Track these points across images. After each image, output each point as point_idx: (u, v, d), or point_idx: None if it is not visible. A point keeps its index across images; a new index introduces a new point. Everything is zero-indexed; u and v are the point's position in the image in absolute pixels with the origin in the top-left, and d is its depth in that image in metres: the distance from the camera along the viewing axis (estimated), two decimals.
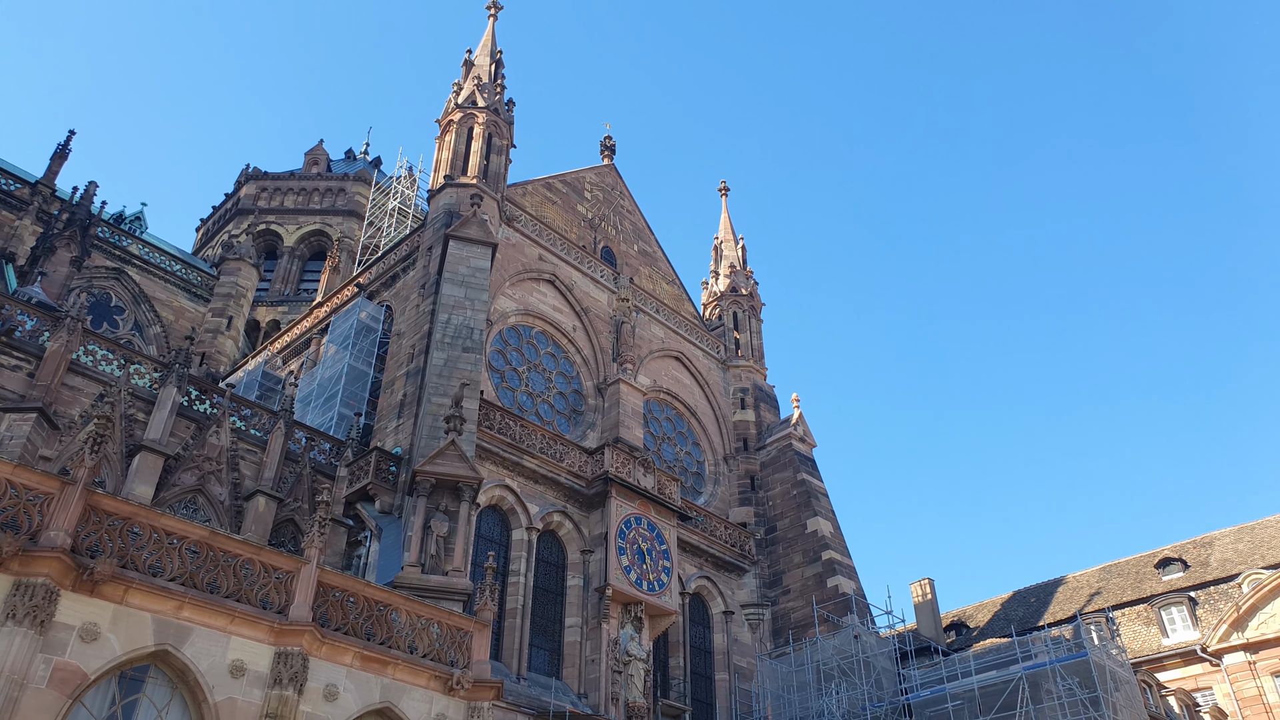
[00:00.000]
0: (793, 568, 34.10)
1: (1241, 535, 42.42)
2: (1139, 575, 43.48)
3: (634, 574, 27.47)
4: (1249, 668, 36.50)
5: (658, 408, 36.28)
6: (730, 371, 39.79)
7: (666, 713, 28.23)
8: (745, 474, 37.31)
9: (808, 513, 34.84)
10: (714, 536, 33.29)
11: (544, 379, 32.18)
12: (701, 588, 32.48)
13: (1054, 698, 24.59)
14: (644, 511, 28.89)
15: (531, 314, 32.48)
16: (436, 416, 24.52)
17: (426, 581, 20.81)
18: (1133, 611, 41.09)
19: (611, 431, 31.23)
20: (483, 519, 26.58)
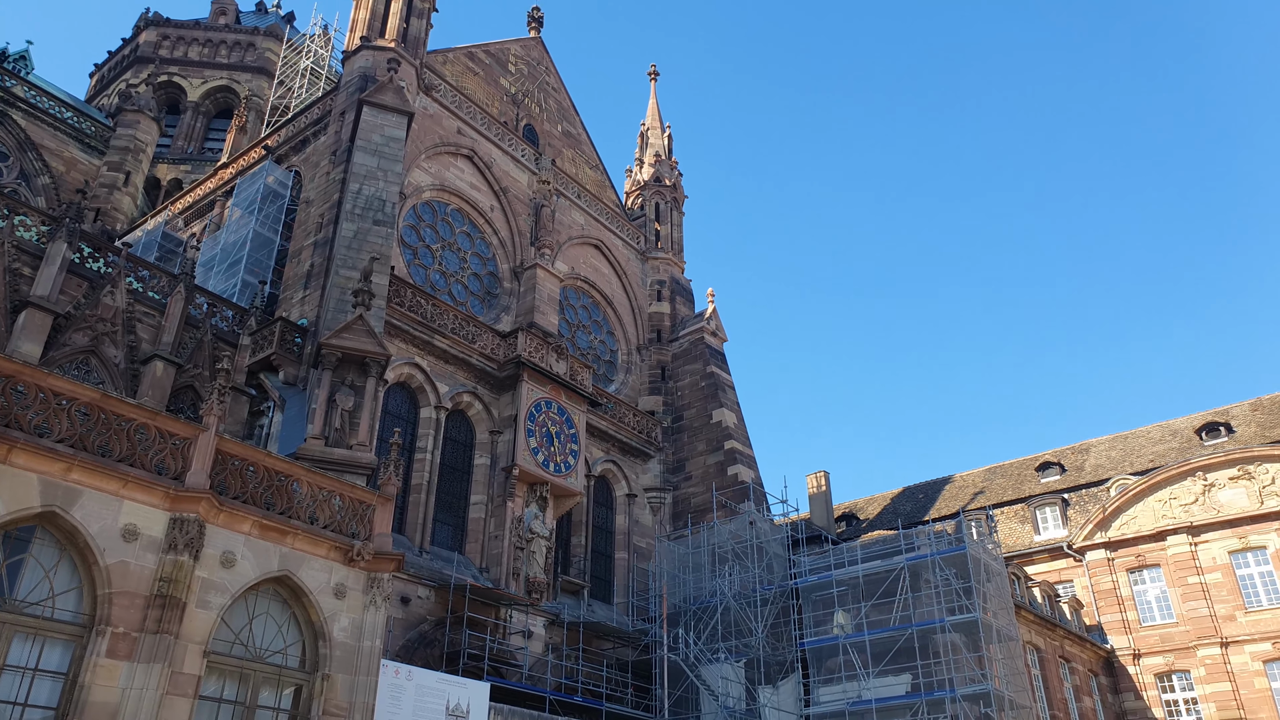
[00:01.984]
0: (696, 455, 35.05)
1: (1116, 443, 45.18)
2: (1020, 477, 46.11)
3: (541, 455, 27.87)
4: (1107, 564, 39.46)
5: (574, 295, 36.18)
6: (649, 263, 39.75)
7: (566, 588, 29.17)
8: (657, 364, 37.79)
9: (714, 404, 35.62)
10: (622, 423, 33.87)
11: (458, 258, 31.64)
12: (607, 471, 33.19)
13: (932, 586, 26.20)
14: (555, 396, 29.12)
15: (448, 190, 31.65)
16: (344, 289, 23.98)
17: (330, 454, 20.73)
18: (1011, 510, 43.71)
19: (526, 316, 31.10)
20: (390, 396, 26.44)
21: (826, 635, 26.97)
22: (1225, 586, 36.72)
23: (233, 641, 14.56)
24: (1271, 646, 34.97)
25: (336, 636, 15.58)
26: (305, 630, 15.55)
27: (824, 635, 27.06)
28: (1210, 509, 37.89)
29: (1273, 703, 34.45)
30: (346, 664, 15.54)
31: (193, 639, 13.78)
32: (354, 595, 16.10)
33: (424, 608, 23.69)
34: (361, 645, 15.85)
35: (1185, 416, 44.28)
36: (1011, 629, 27.78)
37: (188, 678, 13.57)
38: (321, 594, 15.61)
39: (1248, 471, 37.63)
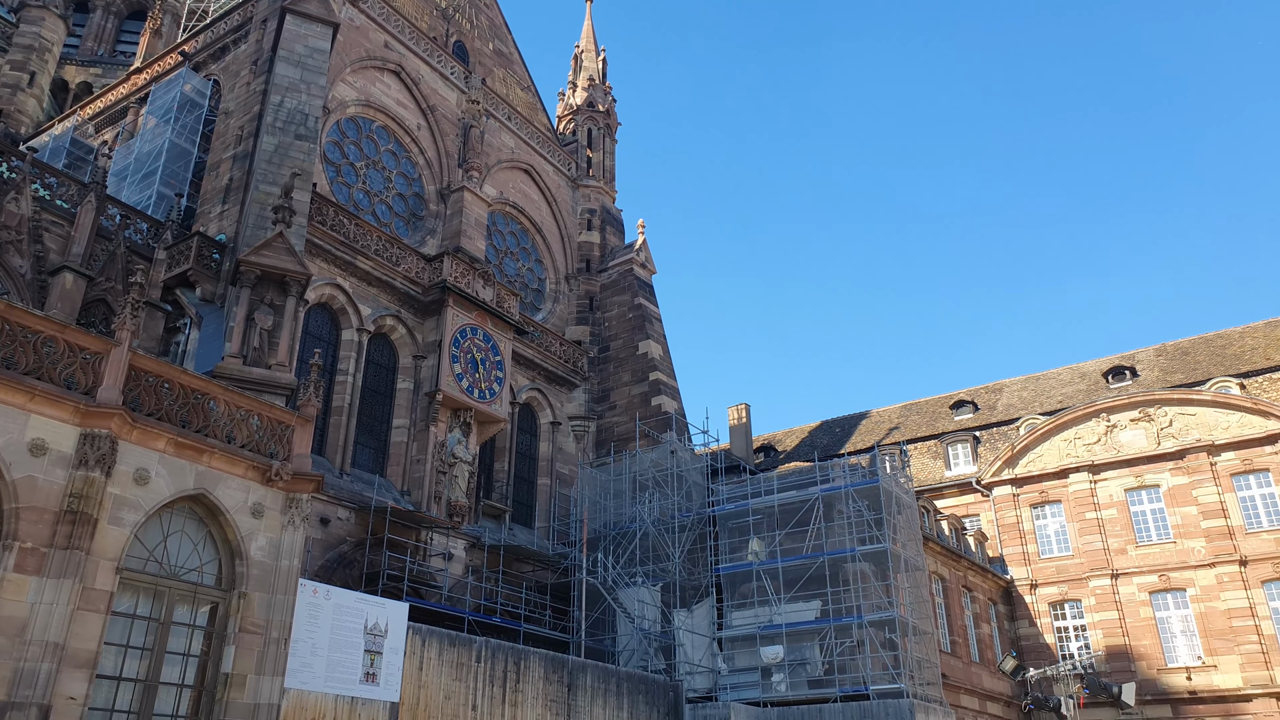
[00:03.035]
0: (621, 385, 35.34)
1: (1028, 384, 46.90)
2: (935, 414, 47.65)
3: (466, 381, 27.80)
4: (1013, 499, 41.29)
5: (502, 220, 35.74)
6: (580, 190, 39.38)
7: (487, 512, 29.44)
8: (585, 294, 37.73)
9: (640, 335, 35.84)
10: (549, 352, 33.89)
11: (383, 178, 30.92)
12: (532, 399, 33.30)
13: (844, 517, 27.14)
14: (480, 323, 28.95)
15: (373, 106, 30.74)
16: (264, 205, 23.29)
17: (248, 374, 20.37)
18: (924, 446, 45.25)
19: (452, 240, 30.67)
20: (311, 316, 25.98)
21: (741, 561, 27.84)
22: (1119, 522, 38.79)
23: (147, 559, 14.42)
24: (1157, 578, 37.22)
25: (254, 555, 15.55)
26: (222, 549, 15.48)
27: (739, 561, 27.92)
28: (1111, 449, 39.78)
29: (1155, 630, 36.81)
30: (264, 583, 15.55)
31: (105, 555, 13.60)
32: (272, 515, 16.03)
33: (344, 529, 23.71)
34: (279, 564, 15.86)
35: (1094, 360, 46.11)
36: (919, 559, 28.98)
37: (99, 593, 13.43)
38: (239, 513, 15.51)
39: (1148, 414, 39.51)
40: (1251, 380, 38.68)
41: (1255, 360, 39.70)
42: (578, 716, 21.01)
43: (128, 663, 13.87)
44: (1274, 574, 35.14)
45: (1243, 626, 34.99)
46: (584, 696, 21.29)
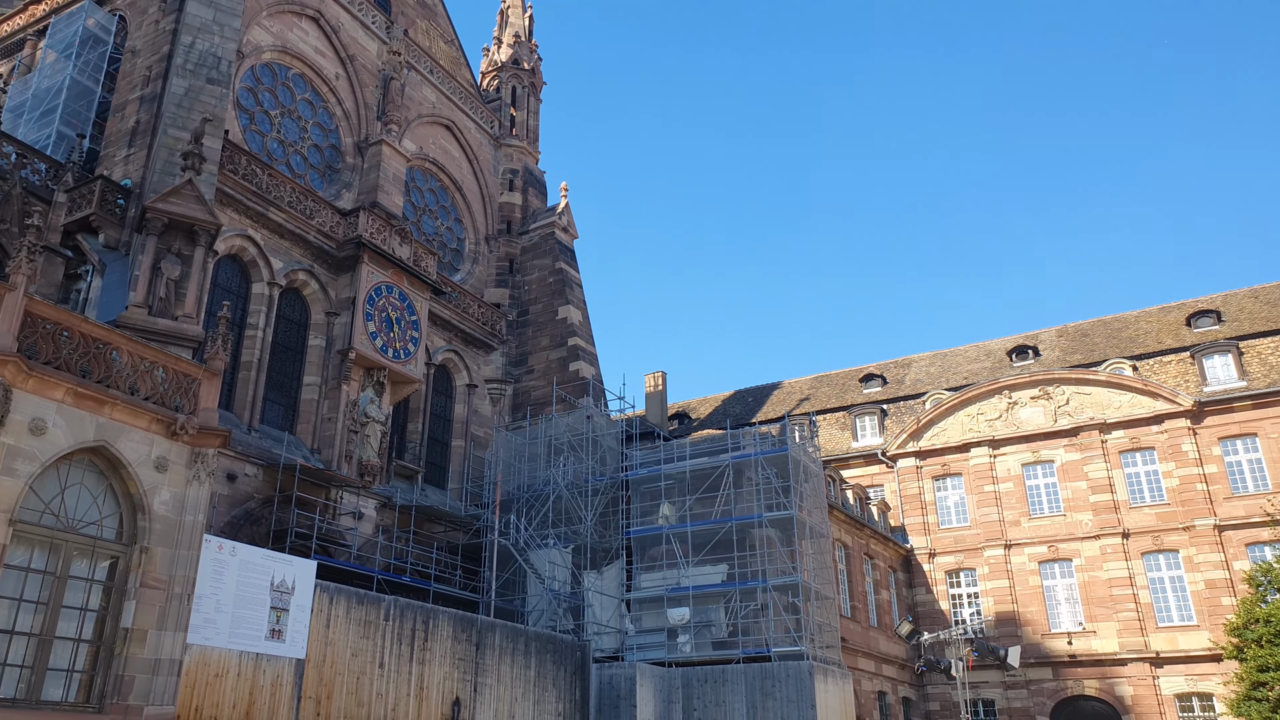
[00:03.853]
0: (539, 350, 35.29)
1: (935, 360, 48.44)
2: (845, 387, 48.89)
3: (380, 340, 27.42)
4: (916, 471, 42.78)
5: (421, 177, 35.13)
6: (502, 150, 38.90)
7: (399, 472, 29.22)
8: (505, 256, 37.42)
9: (561, 300, 35.77)
10: (466, 313, 33.60)
11: (299, 127, 30.04)
12: (448, 360, 33.02)
13: (754, 484, 27.75)
14: (396, 281, 28.52)
15: (290, 53, 29.77)
16: (173, 151, 22.42)
17: (154, 324, 19.73)
18: (834, 417, 46.45)
19: (369, 195, 30.06)
20: (221, 268, 25.24)
21: (652, 525, 28.29)
22: (1015, 495, 40.57)
23: (43, 511, 13.96)
24: (1047, 549, 39.13)
25: (157, 510, 15.18)
26: (123, 502, 15.07)
27: (650, 525, 28.36)
28: (1011, 425, 41.48)
29: (1042, 598, 38.77)
30: (167, 538, 15.22)
31: None
32: (176, 469, 15.66)
33: (251, 486, 23.28)
34: (183, 520, 15.53)
35: (999, 339, 47.84)
36: (824, 526, 29.86)
37: None
38: (141, 466, 15.10)
39: (1047, 392, 41.27)
40: (1144, 363, 40.71)
41: (1148, 344, 41.76)
42: (485, 675, 21.18)
43: (21, 616, 13.47)
44: (1153, 546, 37.30)
45: (1122, 595, 37.10)
46: (492, 655, 21.47)
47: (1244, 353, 38.53)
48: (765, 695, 24.09)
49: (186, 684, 15.18)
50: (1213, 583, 35.71)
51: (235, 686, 16.03)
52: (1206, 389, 38.24)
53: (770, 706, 23.96)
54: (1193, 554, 36.46)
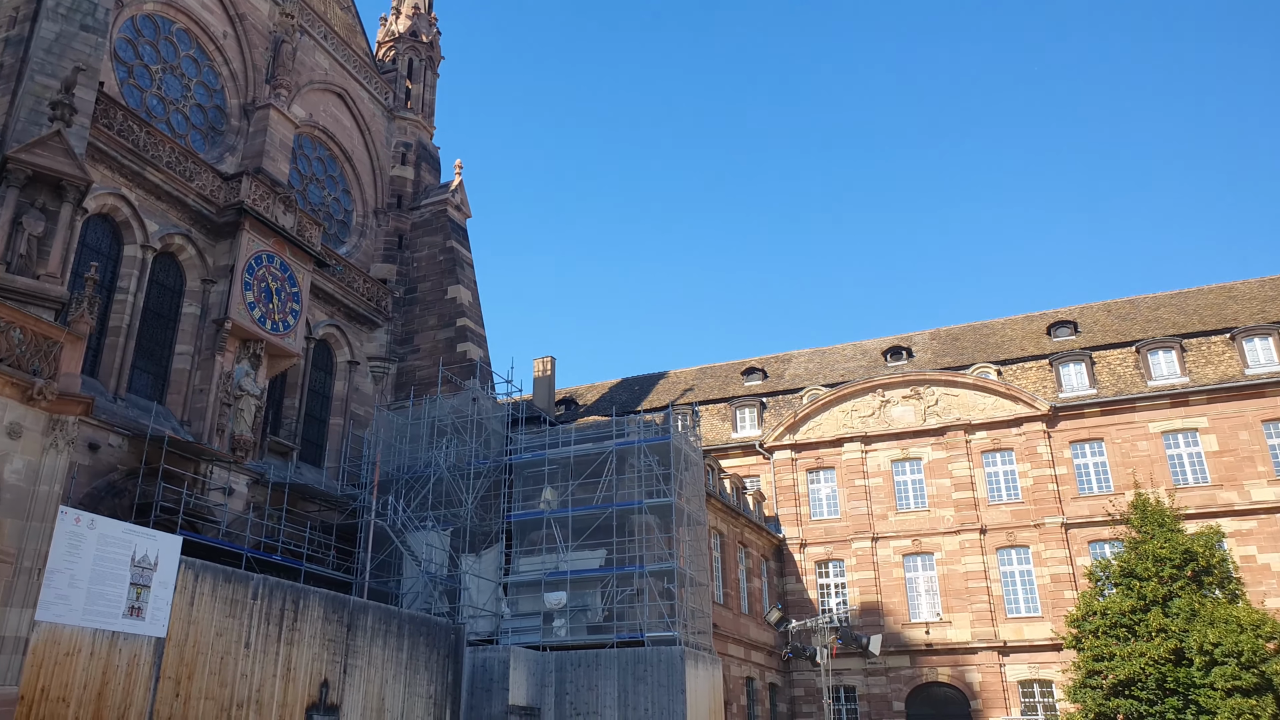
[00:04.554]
0: (426, 329, 34.73)
1: (815, 357, 49.93)
2: (727, 379, 49.90)
3: (258, 311, 26.52)
4: (791, 464, 44.05)
5: (310, 145, 34.04)
6: (396, 123, 38.03)
7: (274, 448, 28.36)
8: (394, 231, 36.64)
9: (450, 280, 35.28)
10: (351, 288, 32.80)
11: (181, 85, 28.67)
12: (330, 335, 32.18)
13: (635, 471, 28.10)
14: (278, 251, 27.61)
15: (174, 6, 28.35)
16: (40, 99, 21.10)
17: (13, 282, 18.61)
18: (716, 408, 47.37)
19: (254, 160, 28.97)
20: (90, 227, 23.95)
21: (533, 510, 28.32)
22: (884, 490, 42.28)
23: None
24: (911, 542, 40.95)
25: (8, 478, 14.36)
26: None
27: (531, 509, 28.39)
28: (884, 422, 43.15)
29: (904, 589, 40.58)
30: (18, 508, 14.41)
31: None
32: (31, 436, 14.83)
33: (115, 456, 22.22)
34: (38, 489, 14.72)
35: (876, 339, 49.62)
36: (701, 514, 30.48)
37: None
38: None
39: (918, 392, 43.09)
40: (1008, 367, 42.96)
41: (1012, 350, 44.08)
42: (356, 657, 20.87)
43: None
44: (1007, 542, 39.51)
45: (976, 588, 39.20)
46: (364, 637, 21.15)
47: (1096, 362, 41.14)
48: (637, 680, 24.50)
49: (33, 663, 14.45)
50: (1057, 577, 38.10)
51: (87, 666, 15.34)
52: (1062, 395, 40.68)
53: (641, 691, 24.39)
54: (1041, 550, 38.80)
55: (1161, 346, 40.06)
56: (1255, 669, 27.51)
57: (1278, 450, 36.92)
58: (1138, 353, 40.44)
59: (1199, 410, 38.29)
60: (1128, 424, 39.15)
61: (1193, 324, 41.14)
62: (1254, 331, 38.76)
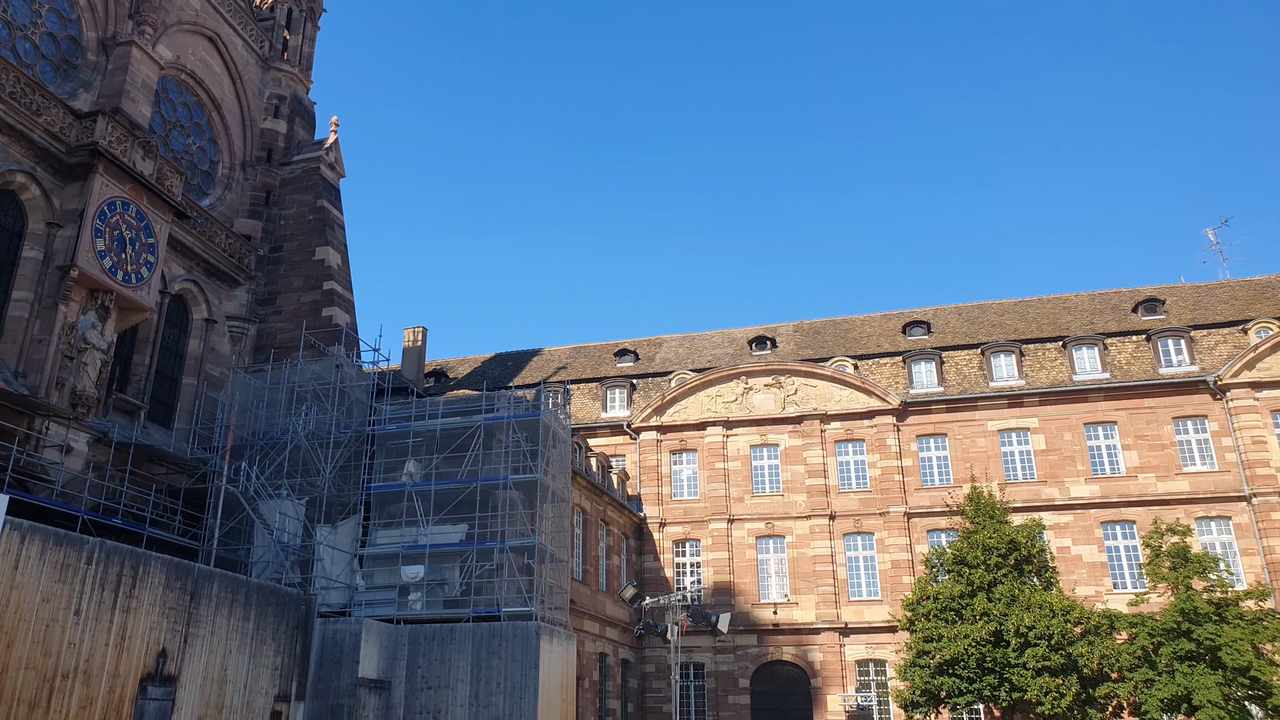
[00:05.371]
0: (291, 290, 33.62)
1: (685, 342, 50.89)
2: (600, 359, 50.29)
3: (109, 261, 25.10)
4: (656, 445, 44.87)
5: (175, 89, 32.28)
6: (270, 74, 36.46)
7: (120, 406, 26.98)
8: (262, 186, 35.23)
9: (319, 240, 34.23)
10: (212, 243, 31.40)
11: (31, 10, 26.70)
12: (186, 291, 30.75)
13: (503, 446, 28.03)
14: (134, 198, 26.16)
15: None
16: None
17: None
18: (587, 387, 47.68)
19: (111, 100, 27.30)
20: None
21: (395, 482, 27.93)
22: (742, 474, 43.60)
23: None
24: (764, 525, 42.42)
25: None
26: None
27: (392, 482, 27.99)
28: (745, 408, 44.43)
29: (756, 570, 42.04)
30: None
31: None
32: None
33: None
34: None
35: (743, 328, 50.97)
36: (566, 492, 30.73)
37: None
38: None
39: (779, 381, 44.53)
40: (864, 362, 44.91)
41: (869, 346, 46.09)
42: (199, 626, 20.19)
43: None
44: (854, 528, 41.46)
45: (823, 571, 41.02)
46: (208, 605, 20.47)
47: (945, 362, 43.52)
48: (491, 654, 24.62)
49: None
50: (898, 563, 40.30)
51: None
52: (912, 391, 42.88)
53: (495, 665, 24.53)
54: (885, 537, 40.92)
55: (1003, 350, 42.74)
56: (1062, 650, 30.00)
57: (1096, 451, 40.09)
58: (982, 355, 43.01)
59: (1031, 411, 41.12)
60: (969, 421, 41.66)
61: (1031, 331, 44.05)
62: (1083, 341, 41.86)
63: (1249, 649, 29.25)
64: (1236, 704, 29.67)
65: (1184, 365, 40.24)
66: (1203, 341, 40.77)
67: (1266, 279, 44.89)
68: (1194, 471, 38.69)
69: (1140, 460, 39.30)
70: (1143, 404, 39.90)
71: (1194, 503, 38.03)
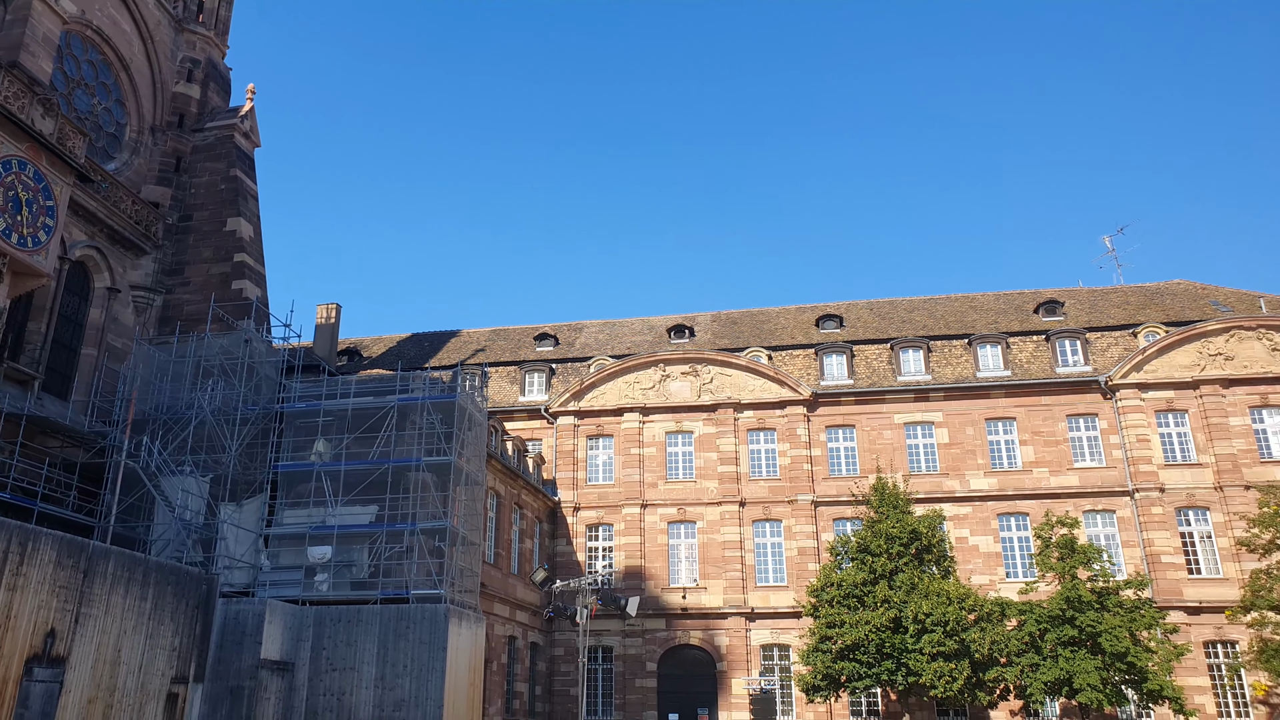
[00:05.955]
0: (200, 261, 32.62)
1: (605, 328, 51.04)
2: (519, 343, 50.10)
3: (3, 223, 23.91)
4: (573, 429, 44.98)
5: (80, 46, 30.90)
6: (184, 36, 35.18)
7: (12, 376, 25.84)
8: (172, 152, 34.04)
9: (231, 211, 33.27)
10: (117, 208, 30.24)
11: None
12: (88, 258, 29.57)
13: (417, 428, 27.79)
14: (33, 158, 24.96)
15: None
16: None
17: None
18: (506, 370, 47.48)
19: (10, 53, 26.06)
20: None
21: (304, 461, 27.45)
22: (657, 460, 44.04)
23: None
24: (676, 511, 42.97)
25: None
26: None
27: (301, 461, 27.50)
28: (662, 395, 44.85)
29: (667, 555, 42.57)
30: None
31: None
32: None
33: None
34: None
35: (663, 316, 51.38)
36: (480, 475, 30.63)
37: None
38: None
39: (696, 370, 45.06)
40: (778, 353, 45.75)
41: (784, 337, 46.97)
42: (91, 605, 19.57)
43: None
44: (763, 515, 42.32)
45: (732, 557, 41.79)
46: (102, 584, 19.86)
47: (855, 355, 44.66)
48: (399, 636, 24.48)
49: None
50: (804, 550, 41.31)
51: None
52: (823, 382, 43.90)
53: (402, 647, 24.40)
54: (793, 524, 41.88)
55: (912, 346, 44.06)
56: (957, 636, 31.25)
57: (996, 446, 41.72)
58: (891, 349, 44.25)
59: (936, 406, 42.53)
60: (877, 413, 42.87)
61: (939, 328, 45.49)
62: (987, 339, 43.45)
63: (1126, 636, 30.96)
64: (1113, 687, 31.42)
65: (1079, 365, 42.14)
66: (1097, 343, 42.73)
67: (1156, 285, 47.25)
68: (1084, 467, 40.61)
69: (1036, 455, 41.04)
70: (1040, 401, 41.65)
71: (1083, 496, 39.94)
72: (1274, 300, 43.03)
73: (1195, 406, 40.19)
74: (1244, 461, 38.89)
